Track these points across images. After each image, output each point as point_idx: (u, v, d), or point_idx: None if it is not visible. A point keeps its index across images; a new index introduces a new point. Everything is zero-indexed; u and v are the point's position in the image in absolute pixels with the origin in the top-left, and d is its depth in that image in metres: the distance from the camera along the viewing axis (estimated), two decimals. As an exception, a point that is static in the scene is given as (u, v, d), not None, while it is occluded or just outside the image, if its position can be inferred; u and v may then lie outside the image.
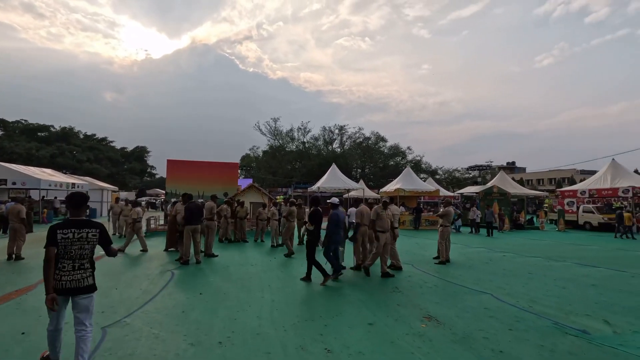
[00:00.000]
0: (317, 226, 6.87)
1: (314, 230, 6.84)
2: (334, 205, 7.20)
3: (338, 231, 6.92)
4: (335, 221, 6.92)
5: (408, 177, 23.02)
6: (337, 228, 6.91)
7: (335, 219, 6.92)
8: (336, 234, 6.89)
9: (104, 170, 52.54)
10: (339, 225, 6.94)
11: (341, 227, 7.01)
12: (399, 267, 7.99)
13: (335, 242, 6.88)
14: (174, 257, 8.92)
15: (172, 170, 17.25)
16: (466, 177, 61.64)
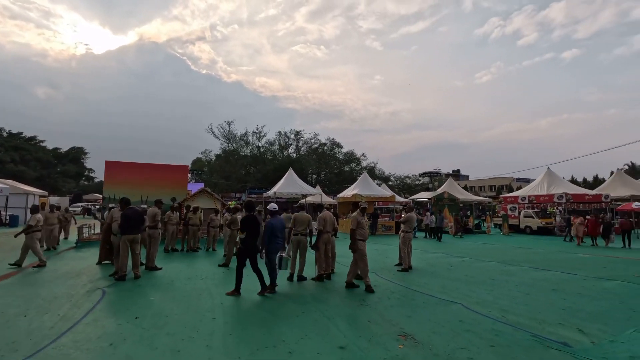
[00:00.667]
0: (252, 234, 6.13)
1: (246, 238, 6.09)
2: (272, 213, 6.66)
3: (274, 240, 6.33)
4: (269, 230, 6.32)
5: (365, 183, 23.06)
6: (273, 237, 6.33)
7: (270, 228, 6.33)
8: (272, 243, 6.32)
9: (31, 173, 46.97)
10: (274, 233, 6.33)
11: (278, 235, 6.38)
12: (330, 271, 7.59)
13: (272, 252, 6.34)
14: (109, 271, 7.69)
15: (110, 172, 15.46)
16: (417, 183, 64.16)
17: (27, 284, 6.50)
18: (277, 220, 6.55)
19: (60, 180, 52.87)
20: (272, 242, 6.33)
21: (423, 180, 69.46)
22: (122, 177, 15.39)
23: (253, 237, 6.12)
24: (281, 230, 6.48)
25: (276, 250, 6.37)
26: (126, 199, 7.66)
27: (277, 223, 6.48)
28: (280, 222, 6.56)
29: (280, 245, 6.44)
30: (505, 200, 28.77)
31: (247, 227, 6.13)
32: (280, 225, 6.49)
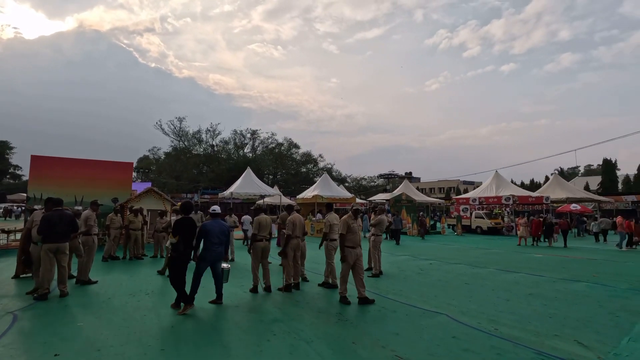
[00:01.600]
0: (185, 240, 5.31)
1: (177, 244, 5.26)
2: (213, 215, 5.86)
3: (209, 247, 5.49)
4: (202, 234, 5.49)
5: (325, 184, 22.57)
6: (208, 243, 5.50)
7: (202, 232, 5.50)
8: (206, 250, 5.49)
9: (-60, 169, 40.47)
10: (208, 239, 5.50)
11: (214, 240, 5.51)
12: (335, 284, 6.90)
13: (203, 260, 5.50)
14: (27, 288, 6.26)
15: (37, 168, 13.31)
16: (372, 185, 65.37)
17: None
18: (216, 223, 5.66)
19: (-22, 178, 46.25)
20: (205, 248, 5.48)
21: (378, 182, 71.02)
22: (52, 174, 13.32)
23: (186, 243, 5.30)
24: (219, 235, 5.55)
25: (211, 259, 5.50)
26: (55, 199, 6.29)
27: (215, 227, 5.58)
28: (220, 226, 5.63)
29: (216, 254, 5.53)
30: (458, 201, 29.94)
31: (180, 231, 5.27)
32: (218, 229, 5.57)
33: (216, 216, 5.80)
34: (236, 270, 8.34)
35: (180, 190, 43.79)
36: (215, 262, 5.56)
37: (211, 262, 5.51)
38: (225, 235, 5.63)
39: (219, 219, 5.81)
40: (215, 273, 5.60)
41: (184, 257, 5.29)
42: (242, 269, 8.67)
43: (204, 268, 5.49)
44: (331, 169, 61.40)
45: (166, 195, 15.44)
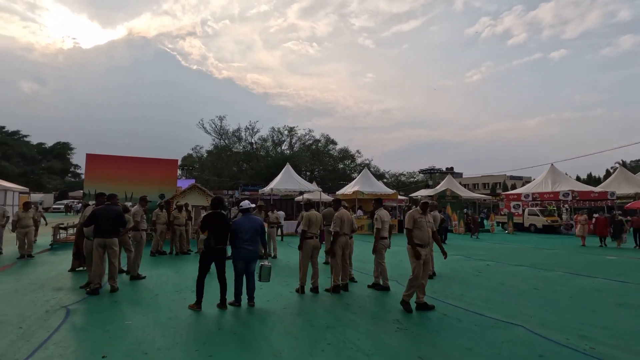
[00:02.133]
0: (215, 235, 5.14)
1: (207, 239, 5.13)
2: (243, 211, 5.50)
3: (239, 245, 5.18)
4: (236, 230, 5.22)
5: (366, 179, 21.93)
6: (237, 240, 5.20)
7: (235, 229, 5.24)
8: (236, 249, 5.19)
9: (14, 169, 44.74)
10: (238, 236, 5.20)
11: (243, 237, 5.19)
12: (387, 286, 6.40)
13: (235, 259, 5.21)
14: (81, 281, 6.40)
15: (92, 166, 14.00)
16: (411, 180, 63.33)
17: (-28, 301, 5.16)
18: (248, 220, 5.31)
19: (45, 177, 50.60)
20: (236, 247, 5.20)
21: (418, 177, 68.70)
22: (105, 171, 13.95)
23: (216, 239, 5.09)
24: (250, 232, 5.20)
25: (243, 258, 5.16)
26: (105, 194, 6.36)
27: (245, 224, 5.24)
28: (251, 223, 5.27)
29: (247, 252, 5.17)
30: (508, 197, 27.95)
31: (209, 226, 5.13)
32: (249, 226, 5.22)
33: (247, 212, 5.46)
34: (279, 268, 8.09)
35: (221, 187, 45.07)
36: (249, 261, 5.19)
37: (246, 261, 5.18)
38: (257, 233, 5.26)
39: (250, 214, 5.47)
40: (247, 273, 5.25)
41: (213, 252, 5.11)
42: (285, 266, 8.41)
43: (241, 267, 5.18)
44: (369, 165, 60.36)
45: (209, 191, 15.65)
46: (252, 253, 5.21)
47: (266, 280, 5.38)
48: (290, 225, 17.73)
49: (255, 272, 5.36)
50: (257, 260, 5.31)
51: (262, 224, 5.46)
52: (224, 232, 5.23)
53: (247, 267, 5.22)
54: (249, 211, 5.52)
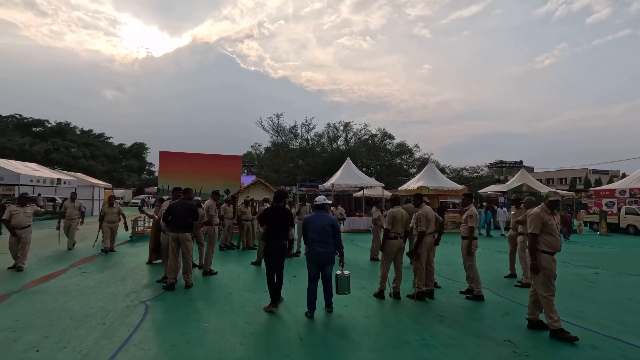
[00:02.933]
0: (273, 229, 4.89)
1: (265, 234, 4.95)
2: (317, 206, 4.86)
3: (310, 245, 4.65)
4: (305, 229, 4.74)
5: (431, 174, 20.48)
6: (309, 240, 4.66)
7: (304, 227, 4.76)
8: (309, 249, 4.66)
9: (100, 167, 50.14)
10: (308, 236, 4.68)
11: (315, 237, 4.61)
12: (480, 295, 5.50)
13: (308, 261, 4.68)
14: (158, 273, 6.47)
15: (165, 163, 14.74)
16: (474, 175, 59.01)
17: (61, 292, 5.35)
18: (319, 217, 4.71)
19: (125, 174, 56.04)
20: (308, 247, 4.70)
21: (482, 172, 63.87)
22: (176, 167, 14.60)
23: (274, 233, 4.85)
24: (320, 232, 4.59)
25: (315, 260, 4.60)
26: (183, 188, 6.35)
27: (315, 221, 4.68)
28: (323, 221, 4.65)
29: (317, 254, 4.57)
30: (598, 194, 24.43)
31: (267, 220, 4.95)
32: (319, 224, 4.63)
33: (321, 208, 4.84)
34: (347, 268, 7.54)
35: (279, 182, 46.01)
36: (322, 264, 4.59)
37: (317, 264, 4.60)
38: (327, 234, 4.59)
39: (324, 211, 4.84)
40: (323, 277, 4.68)
41: (273, 248, 4.81)
42: (354, 266, 7.83)
43: (313, 271, 4.62)
44: (428, 160, 57.55)
45: (271, 186, 15.68)
46: (323, 255, 4.58)
47: (345, 292, 4.73)
48: (352, 223, 17.18)
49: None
50: (334, 265, 4.74)
51: (333, 223, 4.72)
52: (283, 227, 4.94)
53: (322, 272, 4.66)
54: (323, 208, 4.94)
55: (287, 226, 5.10)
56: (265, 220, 5.07)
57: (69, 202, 10.07)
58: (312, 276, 4.65)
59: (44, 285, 5.80)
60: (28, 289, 5.55)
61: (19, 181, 18.23)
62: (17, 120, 49.86)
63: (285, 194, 5.46)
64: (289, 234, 5.23)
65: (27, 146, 42.76)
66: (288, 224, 5.10)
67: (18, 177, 18.25)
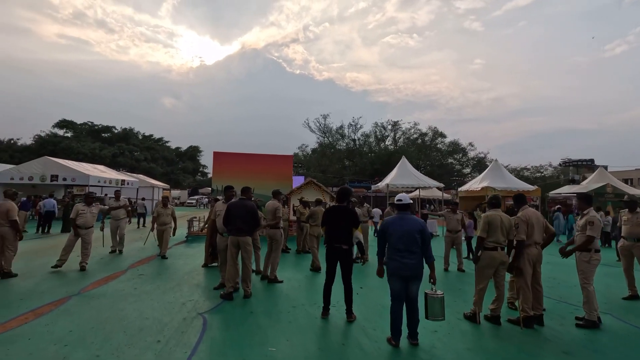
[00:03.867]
0: (334, 230, 4.44)
1: (326, 237, 4.52)
2: (400, 207, 3.90)
3: (392, 255, 3.70)
4: (386, 235, 3.82)
5: (497, 172, 18.55)
6: (391, 249, 3.72)
7: (382, 233, 3.85)
8: (391, 261, 3.69)
9: (159, 169, 53.40)
10: (390, 243, 3.75)
11: (399, 247, 3.67)
12: (594, 321, 4.29)
13: (390, 275, 3.75)
14: (214, 279, 6.03)
15: (218, 163, 14.76)
16: (536, 175, 53.89)
17: (118, 297, 5.05)
18: (403, 220, 3.79)
19: (181, 176, 59.22)
20: (388, 257, 3.75)
21: (546, 171, 58.21)
22: (230, 167, 14.56)
23: (336, 236, 4.41)
24: (405, 238, 3.68)
25: (397, 273, 3.68)
26: (232, 187, 5.88)
27: (397, 225, 3.77)
28: (409, 225, 3.74)
29: (401, 265, 3.65)
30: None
31: (328, 221, 4.50)
32: (404, 230, 3.72)
33: (405, 209, 3.91)
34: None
35: (326, 183, 45.60)
36: (407, 279, 3.69)
37: (403, 279, 3.70)
38: (415, 242, 3.67)
39: (408, 213, 3.91)
40: (408, 297, 3.73)
41: (333, 253, 4.36)
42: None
43: (397, 288, 3.71)
44: (484, 159, 53.85)
45: (324, 186, 15.03)
46: (411, 268, 3.64)
47: (438, 317, 3.74)
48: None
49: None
50: (421, 281, 3.76)
51: (423, 228, 3.77)
52: (346, 229, 4.37)
53: (406, 289, 3.73)
54: (407, 209, 4.04)
55: (351, 228, 4.42)
56: (326, 222, 4.52)
57: (112, 201, 8.82)
58: (396, 294, 3.75)
59: (102, 287, 5.59)
60: (87, 291, 5.35)
61: (89, 182, 19.46)
62: (89, 127, 54.70)
63: (349, 192, 4.73)
64: (352, 237, 4.46)
65: (97, 150, 46.69)
66: (352, 225, 4.40)
67: (88, 178, 19.49)
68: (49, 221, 13.42)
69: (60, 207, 16.35)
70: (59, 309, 4.51)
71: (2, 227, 6.14)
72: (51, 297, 4.94)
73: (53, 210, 13.72)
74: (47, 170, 19.08)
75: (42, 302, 4.74)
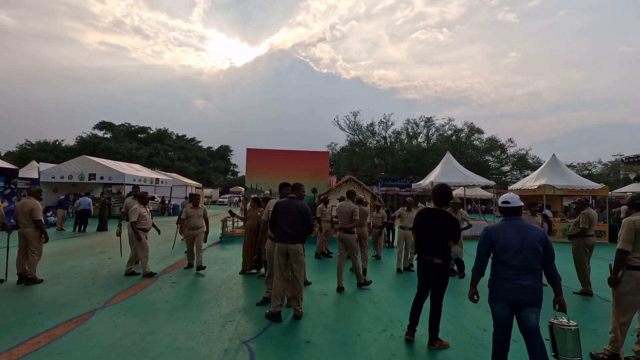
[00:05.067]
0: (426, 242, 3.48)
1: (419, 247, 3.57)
2: (509, 211, 2.89)
3: (501, 273, 2.75)
4: (489, 245, 2.86)
5: (556, 169, 16.60)
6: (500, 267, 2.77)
7: (488, 242, 2.87)
8: (498, 280, 2.74)
9: (192, 169, 54.32)
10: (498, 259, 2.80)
11: (513, 263, 2.70)
12: None
13: (496, 298, 2.81)
14: (255, 290, 5.15)
15: (252, 160, 14.04)
16: (584, 173, 49.71)
17: (147, 314, 4.24)
18: (514, 228, 2.81)
19: (212, 175, 59.98)
20: (498, 276, 2.75)
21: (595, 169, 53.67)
22: (264, 164, 13.81)
23: (429, 246, 3.44)
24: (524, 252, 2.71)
25: (507, 297, 2.72)
26: (288, 184, 4.94)
27: (510, 234, 2.78)
28: (524, 235, 2.76)
29: (514, 289, 2.69)
30: None
31: (419, 225, 3.55)
32: (518, 238, 2.75)
33: (514, 213, 2.90)
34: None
35: (358, 182, 44.35)
36: (521, 305, 2.72)
37: (512, 305, 2.74)
38: (536, 256, 2.70)
39: (520, 219, 2.90)
40: (526, 328, 2.72)
41: (425, 266, 3.41)
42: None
43: (502, 315, 2.78)
44: (525, 156, 50.56)
45: (365, 185, 13.94)
46: (529, 291, 2.67)
47: (576, 358, 2.68)
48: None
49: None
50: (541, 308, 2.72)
51: (544, 238, 2.76)
52: (443, 240, 3.36)
53: (520, 317, 2.74)
54: (518, 213, 2.96)
55: (447, 239, 3.34)
56: (417, 227, 3.55)
57: (130, 200, 7.17)
58: (501, 322, 2.79)
59: (130, 299, 4.85)
60: (113, 304, 4.61)
61: (124, 180, 19.50)
62: (127, 128, 56.51)
63: (449, 192, 3.61)
64: (450, 251, 3.39)
65: (134, 150, 48.03)
66: (450, 237, 3.32)
67: (124, 177, 19.53)
68: (85, 220, 13.25)
69: (96, 205, 16.35)
70: (78, 328, 3.76)
71: (26, 228, 5.57)
72: (72, 313, 4.22)
73: (88, 208, 13.55)
74: (85, 169, 19.30)
75: (60, 318, 4.02)
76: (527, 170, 47.94)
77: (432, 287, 3.43)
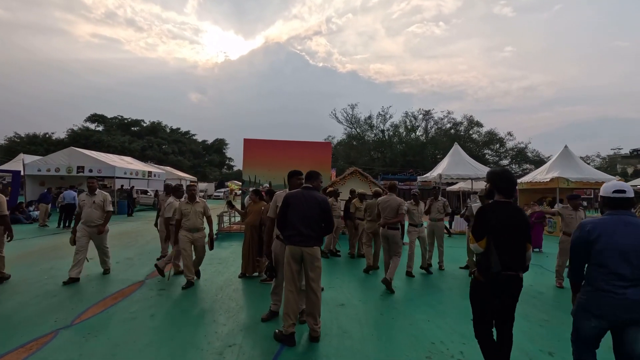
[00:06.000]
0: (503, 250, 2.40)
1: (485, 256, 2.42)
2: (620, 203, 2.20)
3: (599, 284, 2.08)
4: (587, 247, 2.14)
5: (569, 161, 15.83)
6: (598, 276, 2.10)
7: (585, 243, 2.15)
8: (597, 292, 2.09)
9: (186, 162, 53.17)
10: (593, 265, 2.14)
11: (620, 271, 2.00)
12: None
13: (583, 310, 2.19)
14: (259, 299, 4.28)
15: (249, 151, 13.08)
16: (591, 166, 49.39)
17: (124, 335, 3.35)
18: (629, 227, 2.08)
19: (207, 168, 58.80)
20: (592, 287, 2.14)
21: (594, 163, 53.32)
22: (262, 154, 12.87)
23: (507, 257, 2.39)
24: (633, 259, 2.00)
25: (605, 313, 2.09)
26: (300, 172, 3.98)
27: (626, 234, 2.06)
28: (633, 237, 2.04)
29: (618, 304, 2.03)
30: None
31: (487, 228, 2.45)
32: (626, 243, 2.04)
33: (626, 206, 2.19)
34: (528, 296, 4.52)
35: (357, 175, 43.56)
36: (626, 324, 2.05)
37: (611, 322, 2.10)
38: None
39: (630, 213, 2.19)
40: (629, 356, 2.06)
41: (499, 282, 2.37)
42: (539, 296, 4.77)
43: (591, 334, 2.17)
44: (524, 149, 50.12)
45: (371, 177, 13.06)
46: (629, 307, 2.02)
47: None
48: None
49: None
50: None
51: None
52: (522, 244, 2.46)
53: (623, 339, 2.10)
54: (629, 207, 2.17)
55: (525, 242, 2.49)
56: (489, 229, 2.48)
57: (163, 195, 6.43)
58: (589, 343, 2.21)
59: (107, 312, 3.95)
60: (84, 320, 3.72)
61: (114, 173, 18.50)
62: (119, 121, 55.04)
63: (515, 183, 2.69)
64: (526, 259, 2.53)
65: (127, 143, 46.72)
66: (528, 238, 2.47)
67: (114, 170, 18.53)
68: (70, 215, 12.27)
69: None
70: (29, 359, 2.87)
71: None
72: (27, 335, 3.32)
73: (73, 202, 12.55)
74: (73, 161, 18.24)
75: (9, 345, 3.12)
76: (526, 164, 47.44)
77: (508, 312, 2.53)
